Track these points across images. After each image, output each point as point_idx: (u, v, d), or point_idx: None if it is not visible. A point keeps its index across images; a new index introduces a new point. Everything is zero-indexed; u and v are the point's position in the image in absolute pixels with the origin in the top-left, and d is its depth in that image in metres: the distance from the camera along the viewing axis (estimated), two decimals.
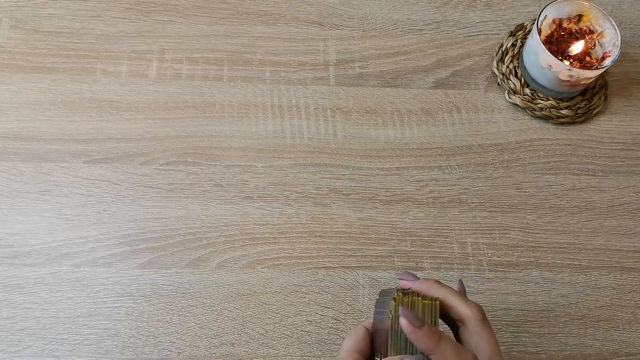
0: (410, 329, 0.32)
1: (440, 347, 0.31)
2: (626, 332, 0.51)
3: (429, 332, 0.32)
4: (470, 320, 0.35)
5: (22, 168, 0.54)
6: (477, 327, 0.35)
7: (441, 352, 0.31)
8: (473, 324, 0.35)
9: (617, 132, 0.61)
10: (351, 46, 0.63)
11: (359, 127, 0.59)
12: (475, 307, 0.35)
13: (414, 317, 0.32)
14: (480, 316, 0.35)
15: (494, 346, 0.34)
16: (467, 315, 0.35)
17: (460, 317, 0.35)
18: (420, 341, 0.32)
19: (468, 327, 0.35)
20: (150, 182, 0.54)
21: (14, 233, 0.51)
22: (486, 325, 0.35)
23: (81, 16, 0.62)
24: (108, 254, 0.51)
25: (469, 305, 0.35)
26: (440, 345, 0.31)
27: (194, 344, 0.48)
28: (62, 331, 0.48)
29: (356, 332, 0.36)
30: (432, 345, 0.31)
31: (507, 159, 0.58)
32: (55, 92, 0.58)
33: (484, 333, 0.34)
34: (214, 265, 0.51)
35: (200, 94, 0.59)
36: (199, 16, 0.63)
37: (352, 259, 0.52)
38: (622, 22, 0.67)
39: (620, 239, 0.55)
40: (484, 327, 0.35)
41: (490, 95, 0.61)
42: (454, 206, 0.55)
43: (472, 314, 0.35)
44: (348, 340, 0.36)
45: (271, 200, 0.54)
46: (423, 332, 0.32)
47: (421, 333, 0.32)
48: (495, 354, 0.34)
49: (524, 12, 0.67)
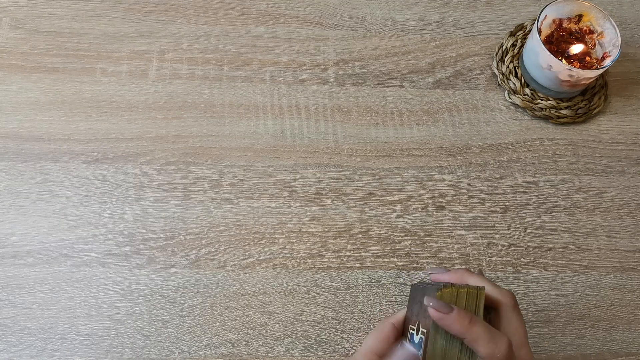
0: (438, 316, 0.32)
1: (472, 330, 0.32)
2: (626, 332, 0.51)
3: (458, 317, 0.32)
4: (502, 307, 0.35)
5: (22, 168, 0.54)
6: (508, 314, 0.35)
7: (473, 334, 0.32)
8: (505, 309, 0.35)
9: (617, 132, 0.61)
10: (351, 46, 0.63)
11: (359, 127, 0.59)
12: (508, 294, 0.36)
13: (442, 304, 0.32)
14: (512, 302, 0.35)
15: (522, 333, 0.35)
16: (498, 301, 0.35)
17: (493, 303, 0.35)
18: (451, 326, 0.32)
19: (499, 312, 0.35)
20: (150, 182, 0.54)
21: (14, 233, 0.51)
22: (517, 312, 0.35)
23: (81, 16, 0.62)
24: (108, 254, 0.51)
25: (501, 292, 0.36)
26: (472, 328, 0.32)
27: (194, 344, 0.48)
28: (62, 331, 0.48)
29: (380, 330, 0.36)
30: (464, 329, 0.32)
31: (507, 159, 0.58)
32: (55, 92, 0.58)
33: (513, 320, 0.35)
34: (214, 265, 0.51)
35: (200, 94, 0.59)
36: (199, 16, 0.63)
37: (352, 259, 0.52)
38: (622, 22, 0.67)
39: (620, 239, 0.55)
40: (514, 313, 0.35)
41: (490, 95, 0.61)
42: (454, 206, 0.55)
43: (505, 300, 0.35)
44: (369, 338, 0.36)
45: (271, 200, 0.54)
46: (452, 317, 0.32)
47: (450, 319, 0.32)
48: (523, 341, 0.34)
49: (524, 12, 0.67)
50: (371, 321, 0.50)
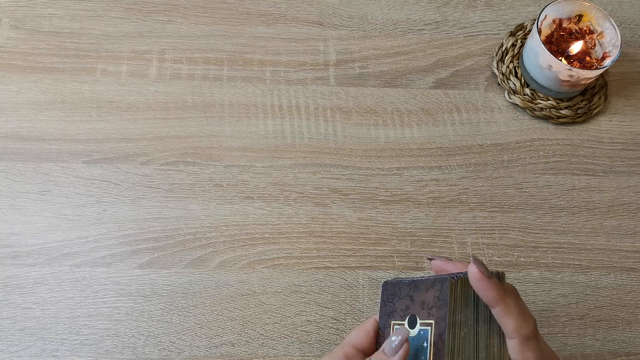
0: (479, 276, 0.31)
1: (506, 300, 0.32)
2: (626, 332, 0.51)
3: (497, 284, 0.32)
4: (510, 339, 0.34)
5: (22, 168, 0.54)
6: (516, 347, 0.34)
7: (506, 304, 0.32)
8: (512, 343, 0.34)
9: (617, 132, 0.61)
10: (351, 46, 0.63)
11: (359, 127, 0.59)
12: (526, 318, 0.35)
13: (485, 267, 0.32)
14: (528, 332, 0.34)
15: None
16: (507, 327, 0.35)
17: None
18: (488, 291, 0.32)
19: None
20: (150, 182, 0.54)
21: (14, 233, 0.51)
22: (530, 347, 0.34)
23: (81, 16, 0.62)
24: (108, 254, 0.51)
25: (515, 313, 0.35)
26: (506, 298, 0.32)
27: (194, 344, 0.48)
28: (62, 331, 0.48)
29: (362, 325, 0.36)
30: (499, 297, 0.31)
31: (507, 159, 0.58)
32: (55, 92, 0.58)
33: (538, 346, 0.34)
34: (214, 265, 0.51)
35: (200, 94, 0.59)
36: (199, 16, 0.63)
37: (352, 259, 0.52)
38: (622, 22, 0.67)
39: (620, 239, 0.55)
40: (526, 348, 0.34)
41: (490, 95, 0.61)
42: (454, 206, 0.55)
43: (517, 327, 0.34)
44: (350, 334, 0.36)
45: (271, 200, 0.54)
46: (492, 282, 0.32)
47: (490, 283, 0.31)
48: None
49: (524, 12, 0.67)
50: None
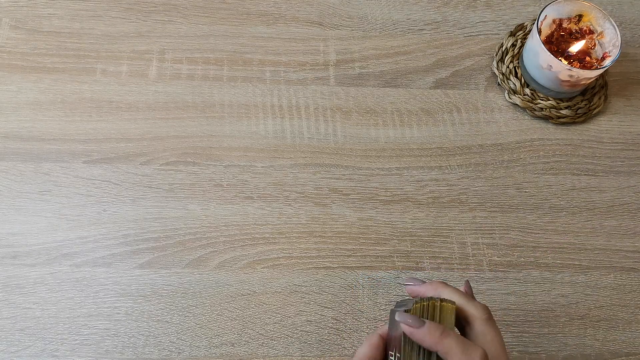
0: (409, 330, 0.32)
1: (444, 342, 0.32)
2: (626, 332, 0.51)
3: (430, 330, 0.32)
4: (475, 320, 0.35)
5: (22, 168, 0.54)
6: (481, 327, 0.35)
7: (445, 347, 0.32)
8: (478, 323, 0.35)
9: (617, 132, 0.61)
10: (351, 46, 0.63)
11: (359, 127, 0.59)
12: (481, 306, 0.36)
13: (413, 318, 0.32)
14: (486, 316, 0.35)
15: (498, 345, 0.35)
16: (472, 315, 0.35)
17: (466, 317, 0.35)
18: (423, 340, 0.32)
19: (473, 326, 0.35)
20: (150, 182, 0.54)
21: (14, 233, 0.51)
22: (491, 325, 0.35)
23: (81, 16, 0.62)
24: (108, 254, 0.51)
25: (474, 305, 0.36)
26: (444, 341, 0.32)
27: (194, 344, 0.48)
28: (62, 331, 0.48)
29: (370, 340, 0.36)
30: (435, 342, 0.32)
31: (507, 159, 0.58)
32: (55, 92, 0.58)
33: (488, 333, 0.35)
34: (214, 265, 0.51)
35: (200, 94, 0.59)
36: (199, 16, 0.63)
37: (352, 259, 0.52)
38: (622, 22, 0.67)
39: (620, 239, 0.55)
40: (488, 326, 0.35)
41: (490, 95, 0.61)
42: (454, 206, 0.55)
43: (477, 314, 0.35)
44: (362, 348, 0.36)
45: (271, 200, 0.54)
46: (423, 331, 0.32)
47: (421, 332, 0.32)
48: (500, 352, 0.34)
49: (524, 12, 0.67)
50: (371, 321, 0.50)
